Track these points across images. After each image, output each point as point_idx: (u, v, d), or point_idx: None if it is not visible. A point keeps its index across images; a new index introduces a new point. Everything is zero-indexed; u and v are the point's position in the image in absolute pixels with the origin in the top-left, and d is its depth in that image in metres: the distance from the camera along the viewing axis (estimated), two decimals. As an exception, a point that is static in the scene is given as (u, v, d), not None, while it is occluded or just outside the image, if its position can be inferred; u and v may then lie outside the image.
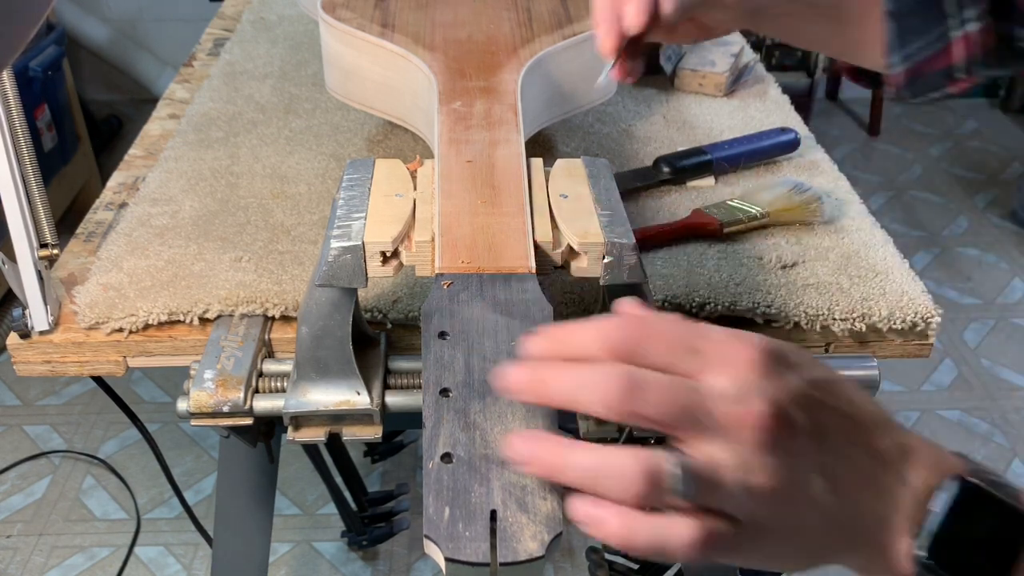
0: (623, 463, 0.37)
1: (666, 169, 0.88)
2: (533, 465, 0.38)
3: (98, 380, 0.79)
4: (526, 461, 0.38)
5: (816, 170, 0.91)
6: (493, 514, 0.40)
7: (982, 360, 2.13)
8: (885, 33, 0.62)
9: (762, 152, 0.92)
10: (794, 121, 1.00)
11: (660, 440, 0.39)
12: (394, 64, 0.81)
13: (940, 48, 0.60)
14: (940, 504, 0.39)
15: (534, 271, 0.54)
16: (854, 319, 0.71)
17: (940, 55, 0.60)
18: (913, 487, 0.40)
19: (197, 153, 0.92)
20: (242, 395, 0.63)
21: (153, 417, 1.96)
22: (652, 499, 0.37)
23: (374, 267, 0.57)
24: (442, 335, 0.48)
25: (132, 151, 0.95)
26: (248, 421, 0.64)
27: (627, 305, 0.42)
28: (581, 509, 0.38)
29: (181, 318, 0.70)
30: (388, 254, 0.57)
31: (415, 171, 0.65)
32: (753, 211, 0.80)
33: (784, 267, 0.76)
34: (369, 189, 0.61)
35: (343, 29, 0.82)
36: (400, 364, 0.66)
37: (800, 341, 0.72)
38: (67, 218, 2.39)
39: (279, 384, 0.65)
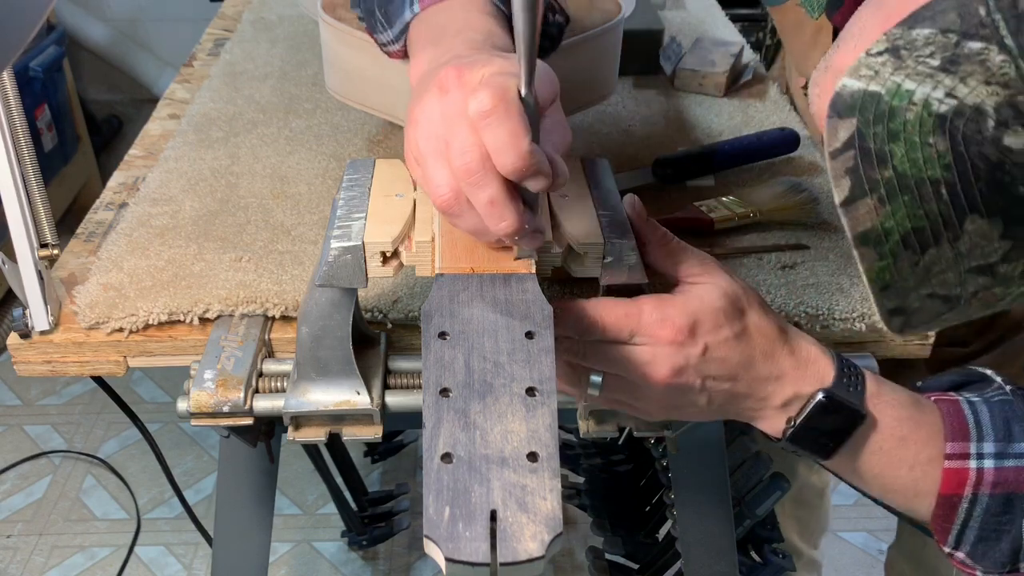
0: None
1: (666, 169, 0.88)
2: None
3: (98, 380, 0.79)
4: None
5: (816, 170, 0.91)
6: (493, 514, 0.40)
7: (982, 360, 2.13)
8: None
9: (762, 152, 0.92)
10: (793, 121, 1.00)
11: (659, 440, 0.39)
12: (394, 64, 0.81)
13: None
14: (803, 413, 0.57)
15: (534, 271, 0.54)
16: (854, 319, 0.71)
17: None
18: (774, 405, 0.58)
19: (197, 153, 0.92)
20: (242, 395, 0.63)
21: (153, 417, 1.96)
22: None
23: (374, 267, 0.57)
24: (442, 335, 0.48)
25: (132, 151, 0.95)
26: (248, 421, 0.64)
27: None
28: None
29: (181, 318, 0.70)
30: (388, 254, 0.57)
31: (415, 171, 0.65)
32: (746, 209, 0.81)
33: (784, 267, 0.76)
34: (369, 189, 0.61)
35: (343, 29, 0.82)
36: (400, 364, 0.66)
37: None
38: (67, 218, 2.39)
39: (279, 384, 0.65)
